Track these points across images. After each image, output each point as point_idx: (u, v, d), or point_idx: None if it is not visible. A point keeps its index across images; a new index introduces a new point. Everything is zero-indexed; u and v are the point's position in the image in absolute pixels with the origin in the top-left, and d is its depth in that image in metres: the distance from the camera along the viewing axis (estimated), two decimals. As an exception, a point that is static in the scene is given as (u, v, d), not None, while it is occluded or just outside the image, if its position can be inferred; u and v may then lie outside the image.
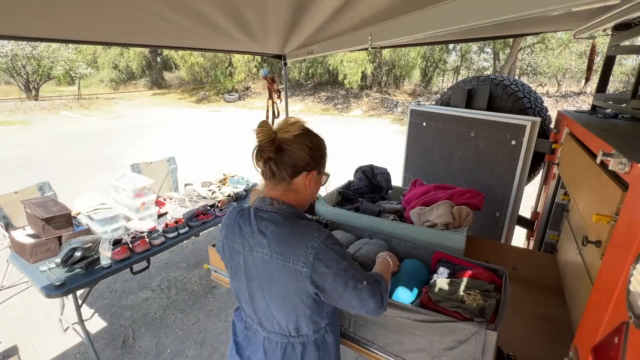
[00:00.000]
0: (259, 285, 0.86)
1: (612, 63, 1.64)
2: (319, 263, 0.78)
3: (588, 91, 13.07)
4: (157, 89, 22.13)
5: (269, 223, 0.84)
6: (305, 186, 0.88)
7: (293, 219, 0.85)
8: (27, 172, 6.14)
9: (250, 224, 0.87)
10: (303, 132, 0.85)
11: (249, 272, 0.88)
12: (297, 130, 0.84)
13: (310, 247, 0.79)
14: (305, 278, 0.79)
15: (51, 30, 1.46)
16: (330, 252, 0.80)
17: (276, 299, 0.85)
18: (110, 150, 8.07)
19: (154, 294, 2.77)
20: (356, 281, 0.80)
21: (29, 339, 2.28)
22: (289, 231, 0.82)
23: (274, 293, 0.84)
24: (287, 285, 0.82)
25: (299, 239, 0.80)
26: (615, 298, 0.58)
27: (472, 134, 2.05)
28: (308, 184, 0.87)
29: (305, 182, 0.87)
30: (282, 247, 0.81)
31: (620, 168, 0.61)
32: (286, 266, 0.80)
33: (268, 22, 1.57)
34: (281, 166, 0.84)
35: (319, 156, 0.89)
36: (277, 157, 0.83)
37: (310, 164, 0.86)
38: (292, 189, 0.88)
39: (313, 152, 0.86)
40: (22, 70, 16.02)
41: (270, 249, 0.82)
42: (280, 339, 0.90)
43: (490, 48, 15.88)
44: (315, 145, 0.87)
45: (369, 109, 14.92)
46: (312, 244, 0.79)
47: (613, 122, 1.19)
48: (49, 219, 1.96)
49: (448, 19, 0.99)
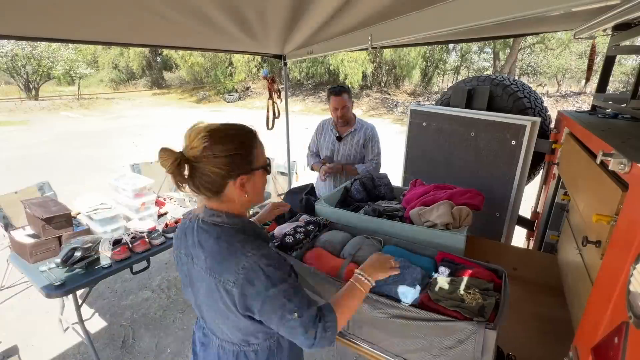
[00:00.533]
0: (203, 299, 0.84)
1: (612, 63, 1.64)
2: (248, 285, 0.73)
3: (588, 91, 13.07)
4: (157, 89, 22.14)
5: (208, 236, 0.79)
6: (240, 192, 0.79)
7: (231, 232, 0.79)
8: (27, 172, 6.14)
9: (192, 235, 0.83)
10: (209, 140, 0.74)
11: (193, 284, 0.85)
12: (202, 143, 0.74)
13: (242, 267, 0.73)
14: (236, 297, 0.75)
15: (51, 30, 1.46)
16: (261, 275, 0.73)
17: (216, 314, 0.82)
18: (110, 150, 8.07)
19: (153, 294, 2.77)
20: (285, 311, 0.74)
21: (29, 338, 2.28)
22: (224, 246, 0.77)
23: (213, 308, 0.81)
24: (223, 302, 0.78)
25: (231, 257, 0.75)
26: (615, 298, 0.58)
27: (472, 134, 2.05)
28: (240, 189, 0.79)
29: (236, 190, 0.79)
30: (215, 264, 0.76)
31: (620, 168, 0.61)
32: (218, 284, 0.76)
33: (268, 21, 1.57)
34: (200, 187, 0.77)
35: (240, 158, 0.78)
36: (192, 180, 0.77)
37: (231, 172, 0.76)
38: (225, 201, 0.81)
39: (230, 159, 0.76)
40: (22, 70, 16.03)
41: (205, 263, 0.78)
42: (232, 347, 0.87)
43: (490, 48, 15.88)
44: (229, 150, 0.76)
45: (369, 108, 14.92)
46: (243, 263, 0.74)
47: (613, 122, 1.19)
48: (49, 219, 1.96)
49: (448, 19, 0.99)
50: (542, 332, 1.12)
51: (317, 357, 2.15)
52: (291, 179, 3.42)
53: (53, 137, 9.58)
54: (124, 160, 6.82)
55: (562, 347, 0.88)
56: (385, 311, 0.97)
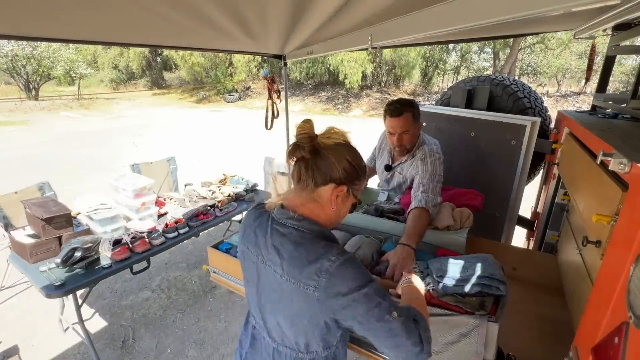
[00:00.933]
0: (269, 300, 0.82)
1: (612, 63, 1.64)
2: (333, 287, 0.70)
3: (588, 91, 13.07)
4: (157, 89, 22.14)
5: (285, 240, 0.77)
6: (330, 200, 0.79)
7: (312, 238, 0.77)
8: (27, 172, 6.14)
9: (265, 235, 0.80)
10: (345, 143, 0.80)
11: (260, 283, 0.83)
12: (340, 139, 0.79)
13: (325, 271, 0.71)
14: (319, 303, 0.72)
15: (51, 30, 1.46)
16: (348, 273, 0.71)
17: (285, 319, 0.80)
18: (110, 150, 8.07)
19: (154, 294, 2.77)
20: (382, 311, 0.69)
21: (29, 339, 2.28)
22: (304, 253, 0.74)
23: (283, 313, 0.79)
24: (298, 308, 0.76)
25: (313, 262, 0.72)
26: (615, 298, 0.58)
27: (472, 134, 2.05)
28: (334, 198, 0.79)
29: (330, 196, 0.78)
30: (295, 269, 0.74)
31: (620, 168, 0.61)
32: (297, 290, 0.73)
33: (268, 21, 1.57)
34: (311, 170, 0.77)
35: (354, 175, 0.80)
36: (310, 159, 0.77)
37: (342, 178, 0.78)
38: (315, 199, 0.80)
39: (349, 167, 0.78)
40: (22, 70, 16.03)
41: (282, 269, 0.76)
42: (290, 352, 0.84)
43: (490, 48, 15.88)
44: (353, 161, 0.79)
45: (369, 108, 14.93)
46: (326, 266, 0.71)
47: (613, 122, 1.19)
48: (49, 219, 1.96)
49: (448, 19, 0.99)
50: (542, 332, 1.12)
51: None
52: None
53: (53, 137, 9.58)
54: (124, 160, 6.82)
55: (562, 347, 0.88)
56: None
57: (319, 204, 0.80)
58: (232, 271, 1.53)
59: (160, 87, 22.62)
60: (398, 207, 1.64)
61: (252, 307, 0.91)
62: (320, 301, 0.71)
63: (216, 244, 1.59)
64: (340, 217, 0.86)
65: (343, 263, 0.71)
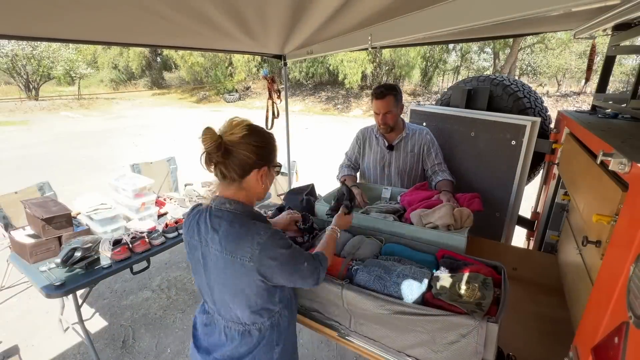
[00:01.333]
0: (216, 279, 0.94)
1: (612, 63, 1.64)
2: (265, 257, 0.86)
3: (588, 91, 13.07)
4: (157, 89, 22.14)
5: (222, 221, 0.90)
6: (258, 182, 0.93)
7: (244, 218, 0.91)
8: (27, 172, 6.14)
9: (205, 221, 0.93)
10: (248, 131, 0.89)
11: (206, 265, 0.95)
12: (242, 131, 0.88)
13: (257, 244, 0.86)
14: (252, 271, 0.87)
15: (51, 30, 1.46)
16: (275, 247, 0.87)
17: (229, 291, 0.93)
18: (110, 150, 8.08)
19: (154, 294, 2.77)
20: (298, 263, 0.91)
21: (29, 338, 2.28)
22: (238, 229, 0.88)
23: (227, 285, 0.92)
24: (237, 278, 0.89)
25: (245, 237, 0.87)
26: (615, 298, 0.58)
27: (472, 134, 2.05)
28: (260, 179, 0.93)
29: (257, 179, 0.92)
30: (231, 244, 0.88)
31: (620, 168, 0.61)
32: (235, 261, 0.88)
33: (268, 21, 1.57)
34: (230, 168, 0.89)
35: (267, 152, 0.93)
36: (225, 161, 0.88)
37: (258, 162, 0.90)
38: (244, 187, 0.93)
39: (260, 150, 0.90)
40: (22, 70, 16.03)
41: (220, 245, 0.89)
42: (238, 327, 0.97)
43: (490, 48, 15.88)
44: (261, 142, 0.91)
45: (369, 108, 14.92)
46: (257, 240, 0.86)
47: (613, 122, 1.19)
48: (49, 219, 1.96)
49: (448, 18, 0.99)
50: (542, 332, 1.12)
51: (317, 356, 2.15)
52: (291, 178, 3.42)
53: (53, 137, 9.58)
54: (124, 160, 6.82)
55: (562, 347, 0.88)
56: (387, 308, 0.97)
57: (247, 190, 0.94)
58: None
59: (160, 87, 22.62)
60: (399, 207, 1.64)
61: (203, 294, 1.03)
62: (254, 269, 0.87)
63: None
64: (267, 190, 1.00)
65: (271, 236, 0.88)
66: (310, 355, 2.15)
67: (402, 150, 1.95)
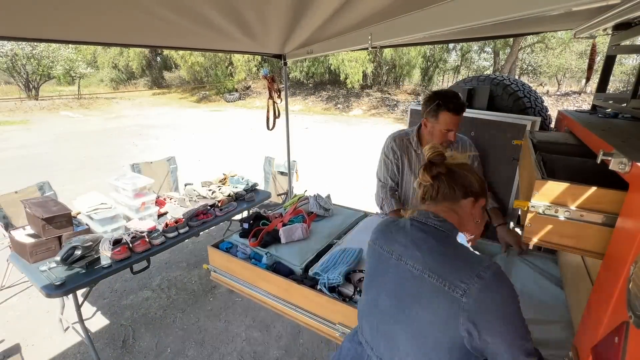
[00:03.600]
0: (394, 304, 0.74)
1: (612, 63, 1.64)
2: (486, 297, 0.63)
3: (588, 91, 13.06)
4: (157, 89, 22.14)
5: (427, 237, 0.73)
6: (472, 214, 0.80)
7: (455, 241, 0.74)
8: (27, 172, 6.14)
9: (405, 233, 0.77)
10: (469, 164, 0.84)
11: (387, 284, 0.76)
12: (464, 160, 0.83)
13: (478, 276, 0.64)
14: (462, 310, 0.63)
15: (50, 31, 1.46)
16: (504, 290, 0.65)
17: (410, 325, 0.70)
18: (110, 150, 8.07)
19: (154, 293, 2.77)
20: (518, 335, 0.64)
21: (29, 338, 2.28)
22: (451, 251, 0.70)
23: (410, 316, 0.70)
24: (434, 312, 0.67)
25: (463, 262, 0.67)
26: (615, 298, 0.58)
27: (472, 134, 2.05)
28: (475, 213, 0.81)
29: (471, 210, 0.80)
30: (439, 265, 0.68)
31: (620, 168, 0.61)
32: (439, 288, 0.66)
33: (268, 21, 1.56)
34: (453, 184, 0.79)
35: (485, 190, 0.83)
36: (449, 175, 0.79)
37: (479, 191, 0.81)
38: (456, 210, 0.79)
39: (481, 182, 0.82)
40: (22, 69, 16.03)
41: (423, 264, 0.69)
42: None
43: (491, 47, 15.87)
44: (482, 177, 0.83)
45: (369, 108, 14.92)
46: (480, 272, 0.64)
47: (613, 122, 1.18)
48: (49, 218, 1.96)
49: (448, 18, 0.99)
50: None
51: (318, 356, 2.15)
52: (291, 178, 3.42)
53: (53, 136, 9.58)
54: (124, 160, 6.82)
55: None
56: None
57: (458, 214, 0.79)
58: (232, 270, 1.53)
59: (160, 86, 22.62)
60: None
61: (364, 316, 0.83)
62: (465, 308, 0.63)
63: (216, 243, 1.59)
64: (479, 229, 0.85)
65: (497, 273, 0.65)
66: (310, 355, 2.15)
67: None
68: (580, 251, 0.72)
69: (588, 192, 0.68)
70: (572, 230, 0.71)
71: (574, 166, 0.88)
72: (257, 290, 1.45)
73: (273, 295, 1.41)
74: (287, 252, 1.45)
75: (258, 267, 1.41)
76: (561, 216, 0.71)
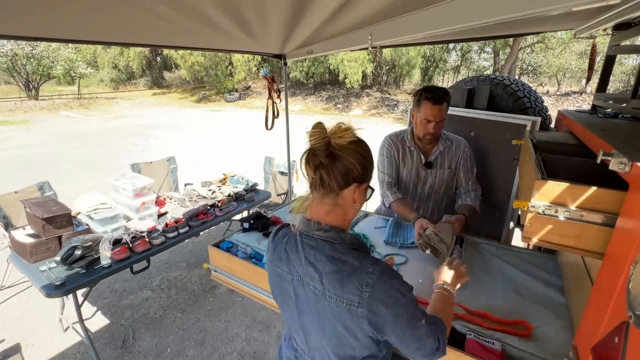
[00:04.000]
0: (314, 321, 0.79)
1: (612, 63, 1.63)
2: (376, 303, 0.70)
3: (589, 91, 13.07)
4: (158, 89, 22.15)
5: (318, 253, 0.76)
6: (354, 200, 0.79)
7: (343, 249, 0.76)
8: (27, 172, 6.14)
9: (297, 251, 0.79)
10: (356, 139, 0.78)
11: (300, 303, 0.81)
12: (351, 137, 0.77)
13: (365, 285, 0.70)
14: (362, 319, 0.71)
15: (50, 30, 1.46)
16: (388, 289, 0.71)
17: (330, 339, 0.77)
18: (110, 150, 8.08)
19: (154, 293, 2.77)
20: (416, 320, 0.72)
21: (29, 338, 2.28)
22: (341, 266, 0.73)
23: (328, 332, 0.77)
24: (342, 325, 0.74)
25: (352, 276, 0.71)
26: (615, 298, 0.58)
27: (472, 134, 2.05)
28: (357, 197, 0.79)
29: (354, 196, 0.78)
30: (335, 284, 0.73)
31: (620, 168, 0.61)
32: (340, 307, 0.72)
33: (268, 21, 1.57)
34: (332, 175, 0.75)
35: (369, 168, 0.80)
36: (330, 164, 0.75)
37: (361, 175, 0.78)
38: (340, 204, 0.79)
39: (366, 163, 0.78)
40: (22, 69, 16.03)
41: (322, 285, 0.74)
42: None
43: (491, 48, 15.88)
44: (367, 155, 0.79)
45: (369, 108, 14.92)
46: (367, 280, 0.70)
47: (613, 122, 1.18)
48: (49, 218, 1.96)
49: (448, 18, 0.99)
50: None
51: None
52: (291, 178, 3.42)
53: (53, 136, 9.58)
54: (124, 160, 6.82)
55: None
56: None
57: (342, 208, 0.79)
58: (232, 270, 1.53)
59: (160, 86, 22.62)
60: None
61: (293, 332, 0.88)
62: (363, 316, 0.70)
63: (217, 243, 1.59)
64: (356, 213, 0.85)
65: (382, 274, 0.71)
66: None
67: (439, 167, 1.72)
68: (580, 251, 0.72)
69: (588, 192, 0.68)
70: (572, 230, 0.71)
71: (574, 166, 0.88)
72: (258, 289, 1.45)
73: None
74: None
75: (259, 267, 1.41)
76: (561, 216, 0.71)
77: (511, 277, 1.31)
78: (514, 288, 1.24)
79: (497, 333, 1.00)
